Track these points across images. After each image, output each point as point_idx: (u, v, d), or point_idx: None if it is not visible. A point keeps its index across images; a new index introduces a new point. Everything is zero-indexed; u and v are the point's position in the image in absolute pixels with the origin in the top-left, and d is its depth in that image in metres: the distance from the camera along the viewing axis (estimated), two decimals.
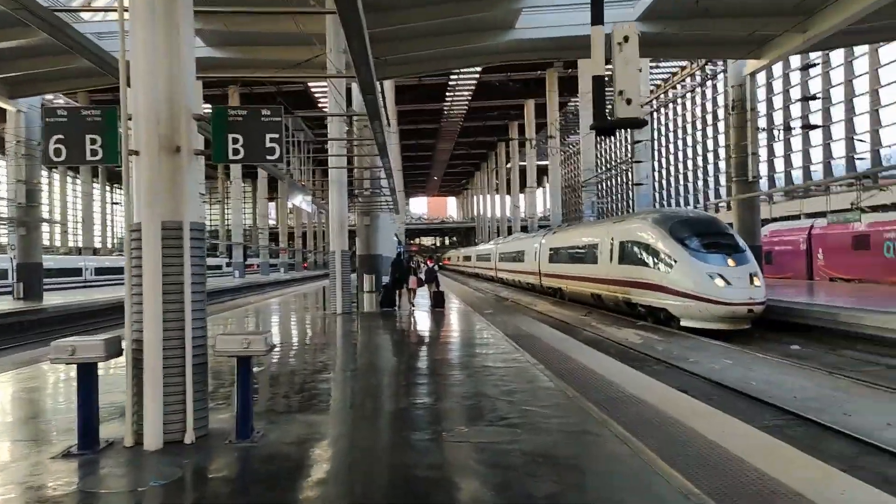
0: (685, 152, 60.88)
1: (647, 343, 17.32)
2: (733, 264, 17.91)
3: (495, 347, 11.89)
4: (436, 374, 9.53)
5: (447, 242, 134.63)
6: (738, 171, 27.66)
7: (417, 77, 56.10)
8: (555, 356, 10.73)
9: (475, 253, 66.56)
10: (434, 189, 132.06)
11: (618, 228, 23.03)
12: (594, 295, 25.35)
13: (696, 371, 13.26)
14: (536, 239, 36.35)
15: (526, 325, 16.52)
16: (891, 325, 14.54)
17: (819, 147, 41.83)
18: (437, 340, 13.64)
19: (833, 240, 29.08)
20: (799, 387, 11.66)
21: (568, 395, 7.56)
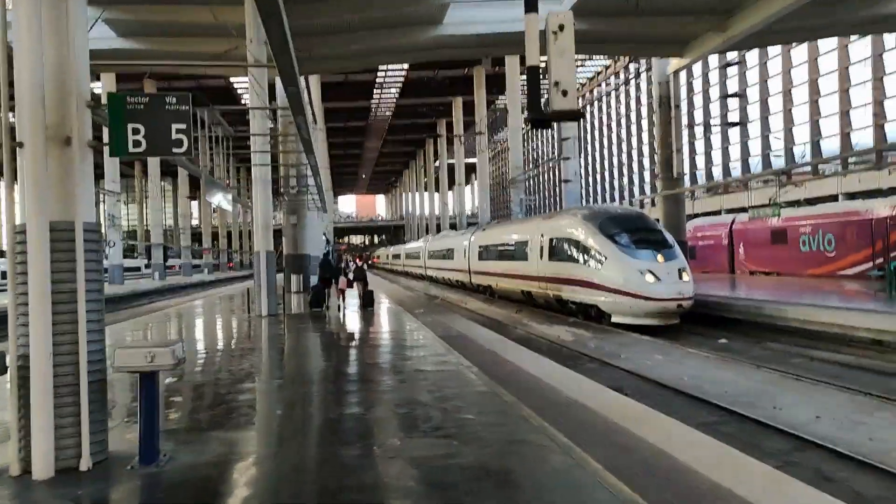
0: (610, 150, 61.84)
1: (579, 340, 17.19)
2: (662, 260, 17.96)
3: (428, 349, 11.45)
4: (367, 379, 9.03)
5: (376, 241, 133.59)
6: (663, 167, 28.03)
7: (344, 74, 55.41)
8: (489, 358, 10.37)
9: (404, 251, 66.06)
10: (363, 187, 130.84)
11: (548, 225, 22.93)
12: (525, 292, 25.22)
13: (630, 368, 13.13)
14: (466, 236, 36.11)
15: (458, 324, 16.16)
16: (813, 318, 14.77)
17: (737, 144, 42.99)
18: (368, 343, 13.12)
19: (753, 235, 29.82)
20: (730, 381, 11.63)
21: (505, 401, 7.18)
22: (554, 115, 6.74)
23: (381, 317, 18.84)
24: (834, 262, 24.98)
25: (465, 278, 35.19)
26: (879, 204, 23.94)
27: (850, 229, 24.23)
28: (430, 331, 14.34)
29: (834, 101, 35.73)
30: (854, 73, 34.83)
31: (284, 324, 16.66)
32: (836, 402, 9.87)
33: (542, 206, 76.00)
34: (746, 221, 30.46)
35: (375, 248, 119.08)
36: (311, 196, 25.14)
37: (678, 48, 25.95)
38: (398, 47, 25.27)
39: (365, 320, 17.83)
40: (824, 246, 25.38)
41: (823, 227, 25.44)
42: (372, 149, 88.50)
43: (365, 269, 26.68)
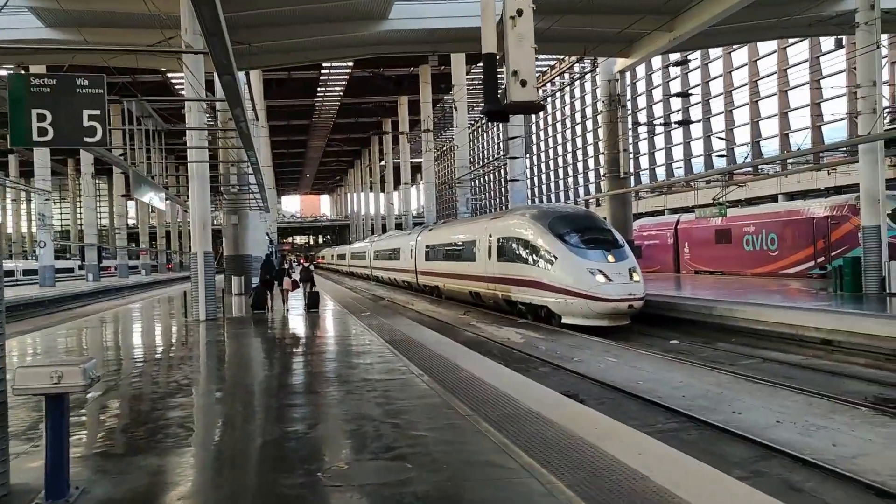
0: (555, 150, 62.00)
1: (529, 342, 16.82)
2: (613, 260, 17.73)
3: (376, 356, 10.87)
4: (312, 391, 8.42)
5: (321, 241, 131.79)
6: (610, 167, 27.97)
7: (287, 71, 54.18)
8: (441, 364, 9.85)
9: (350, 251, 65.10)
10: (307, 187, 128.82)
11: (496, 225, 22.54)
12: (473, 293, 24.80)
13: (583, 371, 12.78)
14: (412, 236, 35.54)
15: (406, 327, 15.59)
16: (763, 318, 14.70)
17: (681, 145, 43.46)
18: (313, 349, 12.46)
19: (698, 234, 30.04)
20: (685, 384, 11.36)
21: (461, 414, 6.67)
22: (512, 107, 6.27)
23: (327, 320, 18.16)
24: (777, 261, 25.27)
25: (412, 279, 34.63)
26: (820, 204, 24.28)
27: (792, 229, 24.53)
28: (377, 335, 13.76)
29: (774, 102, 36.35)
30: (792, 76, 35.48)
31: (224, 329, 15.85)
32: (794, 405, 9.66)
33: (489, 205, 75.89)
34: (691, 221, 30.69)
35: (320, 248, 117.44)
36: (252, 195, 24.22)
37: (625, 47, 25.90)
38: (342, 42, 24.58)
39: (310, 324, 17.14)
40: (767, 245, 25.66)
41: (767, 227, 25.72)
42: (316, 148, 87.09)
43: (312, 270, 26.02)
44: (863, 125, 16.67)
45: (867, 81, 16.45)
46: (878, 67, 16.61)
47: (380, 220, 77.55)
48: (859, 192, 24.84)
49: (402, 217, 62.48)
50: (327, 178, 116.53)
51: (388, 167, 72.28)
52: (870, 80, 16.41)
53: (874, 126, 16.37)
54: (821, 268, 23.41)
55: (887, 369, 11.76)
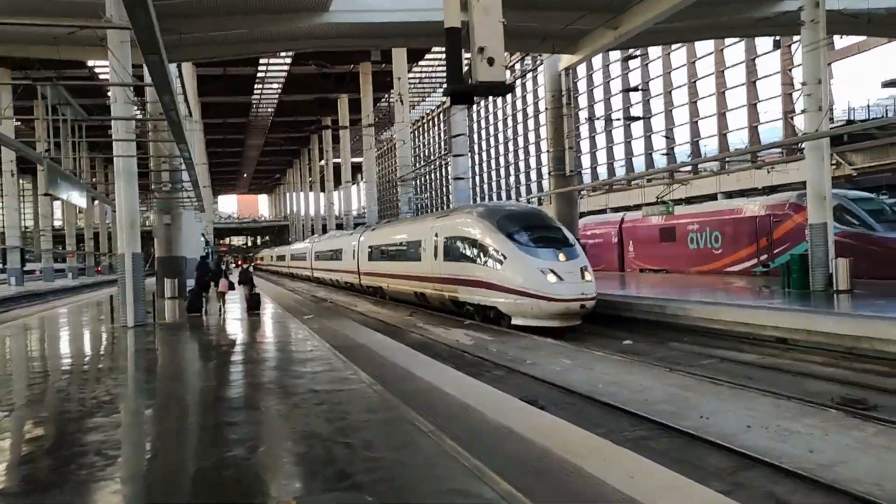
0: (497, 149, 61.65)
1: (479, 344, 16.22)
2: (564, 259, 17.24)
3: (322, 363, 10.05)
4: (253, 405, 7.57)
5: (259, 242, 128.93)
6: (555, 164, 27.62)
7: (222, 67, 52.44)
8: (394, 372, 9.12)
9: (290, 252, 63.54)
10: (244, 187, 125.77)
11: (442, 224, 21.87)
12: (418, 294, 24.08)
13: (539, 375, 12.22)
14: (355, 236, 34.60)
15: (352, 331, 14.79)
16: (718, 317, 14.40)
17: (622, 143, 43.62)
18: (254, 356, 11.55)
19: (642, 232, 29.98)
20: (647, 387, 10.90)
21: (423, 430, 5.96)
22: (479, 87, 5.58)
23: (268, 324, 17.19)
24: (721, 259, 25.31)
25: (355, 280, 33.69)
26: (762, 202, 24.40)
27: (736, 227, 24.59)
28: (322, 339, 12.91)
29: (713, 102, 36.74)
30: (730, 77, 35.94)
31: (155, 335, 14.74)
32: (762, 408, 9.26)
33: (432, 205, 75.19)
34: (636, 220, 30.62)
35: (259, 249, 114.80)
36: (186, 193, 22.97)
37: (570, 44, 25.56)
38: (280, 35, 23.52)
39: (249, 328, 16.16)
40: (711, 243, 25.69)
41: (711, 225, 25.74)
42: (254, 147, 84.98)
43: (251, 271, 25.08)
44: (809, 123, 16.60)
45: (812, 79, 16.36)
46: (824, 65, 16.56)
47: (320, 221, 76.07)
48: (798, 191, 25.23)
49: (343, 217, 61.36)
50: (266, 178, 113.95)
51: (329, 167, 70.93)
52: (815, 78, 16.32)
53: (821, 124, 16.29)
54: (763, 265, 23.50)
55: (846, 368, 11.54)
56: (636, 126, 41.98)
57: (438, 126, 68.32)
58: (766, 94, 33.74)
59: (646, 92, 41.54)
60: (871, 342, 11.14)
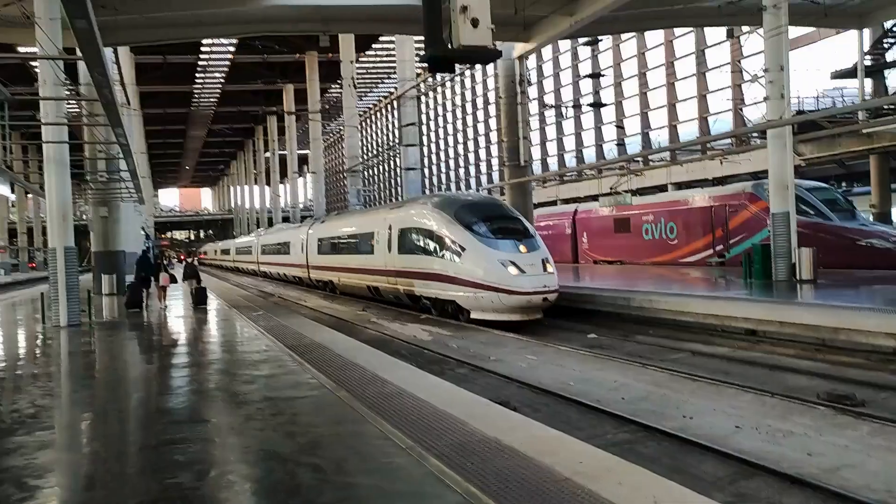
0: (446, 139, 60.78)
1: (438, 340, 15.51)
2: (525, 250, 16.62)
3: (277, 365, 9.18)
4: (201, 418, 6.68)
5: (203, 236, 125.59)
6: (510, 155, 27.02)
7: (161, 54, 50.41)
8: (357, 375, 8.30)
9: (235, 246, 61.69)
10: (187, 180, 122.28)
11: (396, 215, 21.03)
12: (371, 288, 23.21)
13: (506, 373, 11.56)
14: (303, 229, 33.47)
15: (305, 328, 13.85)
16: (686, 309, 13.96)
17: (573, 135, 43.35)
18: (200, 358, 10.57)
19: (596, 224, 29.66)
20: (621, 384, 10.33)
21: (400, 446, 5.20)
22: (462, 53, 4.81)
23: (214, 322, 16.17)
24: (676, 250, 25.10)
25: (304, 274, 32.60)
26: (718, 192, 24.25)
27: (691, 217, 24.39)
28: (274, 338, 12.00)
29: (663, 93, 36.67)
30: (680, 68, 35.91)
31: (92, 336, 13.57)
32: (747, 406, 8.76)
33: (381, 197, 74.02)
34: (589, 211, 30.30)
35: (202, 243, 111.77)
36: (124, 184, 21.60)
37: (524, 31, 24.88)
38: (222, 18, 22.26)
39: (194, 325, 15.12)
40: (667, 234, 25.46)
41: (666, 216, 25.50)
42: (196, 138, 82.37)
43: (196, 265, 24.05)
44: (771, 110, 16.30)
45: (775, 66, 16.05)
46: (786, 52, 16.27)
47: (266, 214, 74.21)
48: (754, 181, 25.20)
49: (289, 210, 59.82)
50: (209, 171, 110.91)
51: (274, 159, 69.14)
52: (777, 65, 16.01)
53: (784, 111, 16.00)
54: (719, 256, 23.34)
55: (821, 360, 11.16)
56: (587, 117, 41.75)
57: (387, 117, 67.14)
58: (717, 85, 33.76)
59: (597, 82, 41.32)
60: (849, 334, 10.77)
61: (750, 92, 32.76)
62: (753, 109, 30.05)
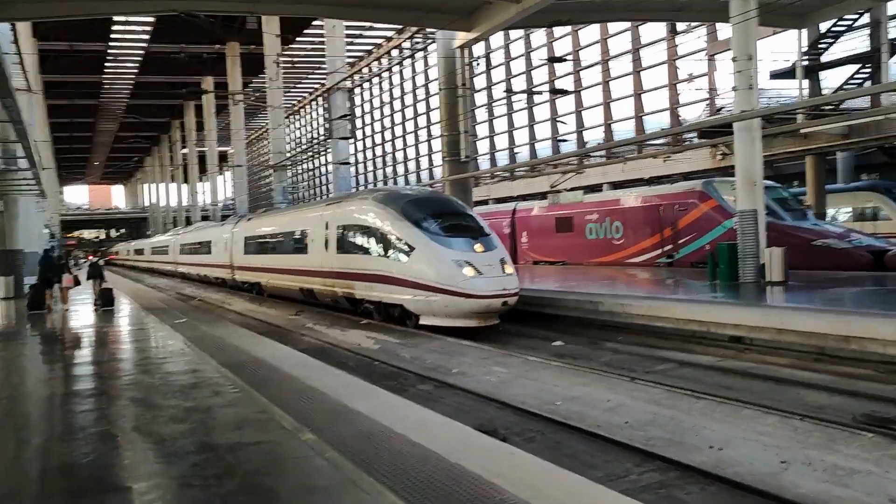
0: (384, 134, 58.00)
1: (386, 349, 13.76)
2: (481, 249, 15.00)
3: (213, 391, 7.25)
4: (115, 483, 4.73)
5: (114, 235, 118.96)
6: (450, 149, 25.41)
7: (69, 42, 46.54)
8: (318, 405, 6.49)
9: (150, 245, 57.83)
10: (96, 176, 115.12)
11: (335, 212, 19.09)
12: (305, 290, 21.18)
13: (475, 389, 9.95)
14: (227, 228, 30.95)
15: (238, 338, 11.86)
16: (664, 314, 12.65)
17: (506, 133, 42.05)
18: (112, 381, 8.47)
19: (536, 223, 28.42)
20: (617, 404, 8.85)
21: None
22: None
23: (130, 330, 13.92)
24: (622, 250, 24.07)
25: (228, 275, 30.10)
26: (666, 190, 23.35)
27: (638, 216, 23.40)
28: (203, 353, 9.99)
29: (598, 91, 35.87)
30: (614, 67, 35.15)
31: None
32: (777, 433, 7.38)
33: (308, 195, 70.97)
34: (529, 209, 29.05)
35: (114, 242, 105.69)
36: (22, 175, 18.93)
37: (464, 19, 23.32)
38: None
39: (105, 335, 12.85)
40: (612, 234, 24.40)
41: (611, 215, 24.44)
42: (106, 132, 77.35)
43: (101, 265, 21.78)
44: (739, 101, 15.25)
45: (743, 55, 14.99)
46: (755, 39, 15.25)
47: (183, 213, 70.35)
48: (704, 179, 24.43)
49: (209, 209, 56.54)
50: (121, 167, 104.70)
51: (192, 154, 65.42)
52: (746, 54, 14.96)
53: (753, 102, 14.97)
54: (668, 256, 22.41)
55: (825, 372, 9.99)
56: (527, 112, 40.44)
57: (315, 112, 64.36)
58: (655, 83, 33.11)
59: (529, 80, 40.22)
60: (862, 343, 9.62)
61: (686, 91, 32.33)
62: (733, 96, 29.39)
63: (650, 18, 27.29)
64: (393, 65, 49.32)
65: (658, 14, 24.30)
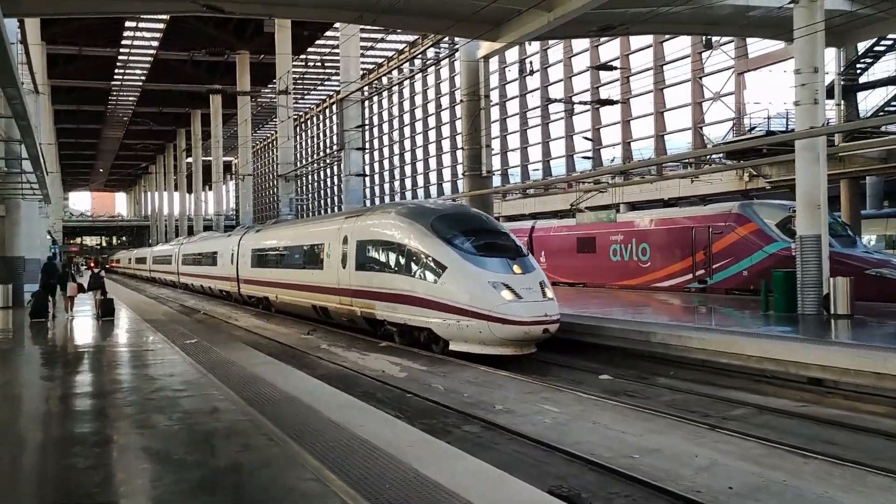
0: (393, 147, 56.48)
1: (416, 378, 12.37)
2: (520, 271, 13.64)
3: (245, 442, 5.85)
4: None
5: (116, 242, 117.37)
6: (470, 164, 24.13)
7: (78, 46, 45.38)
8: (383, 469, 5.10)
9: (152, 255, 56.35)
10: (100, 183, 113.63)
11: (355, 225, 17.71)
12: (319, 308, 19.77)
13: (531, 433, 8.56)
14: (233, 239, 29.55)
15: (260, 365, 10.46)
16: (729, 349, 11.24)
17: (539, 144, 40.58)
18: (121, 423, 7.05)
19: (556, 242, 27.06)
20: (710, 462, 7.46)
21: None
22: None
23: (135, 350, 12.50)
24: (648, 273, 22.71)
25: (232, 288, 28.69)
26: (700, 211, 22.03)
27: (668, 238, 22.06)
28: (222, 384, 8.59)
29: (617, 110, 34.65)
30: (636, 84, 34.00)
31: None
32: None
33: (315, 207, 69.42)
34: (549, 227, 27.73)
35: (115, 250, 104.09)
36: (26, 178, 17.61)
37: (492, 28, 22.04)
38: None
39: (109, 357, 11.45)
40: (638, 256, 23.05)
41: (638, 236, 23.09)
42: (112, 139, 76.09)
43: (103, 276, 20.74)
44: (802, 117, 13.96)
45: (807, 67, 13.73)
46: (821, 51, 14.01)
47: (186, 222, 68.90)
48: (741, 201, 23.14)
49: (213, 219, 55.10)
50: (125, 174, 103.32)
51: (197, 164, 64.06)
52: (811, 66, 13.70)
53: (817, 118, 13.69)
54: (700, 281, 21.05)
55: None
56: (558, 126, 38.91)
57: (325, 122, 62.95)
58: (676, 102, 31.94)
59: (544, 93, 38.99)
60: None
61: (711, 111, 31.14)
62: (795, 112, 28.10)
63: (688, 31, 25.96)
64: (410, 76, 47.77)
65: (696, 27, 23.11)
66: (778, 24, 21.45)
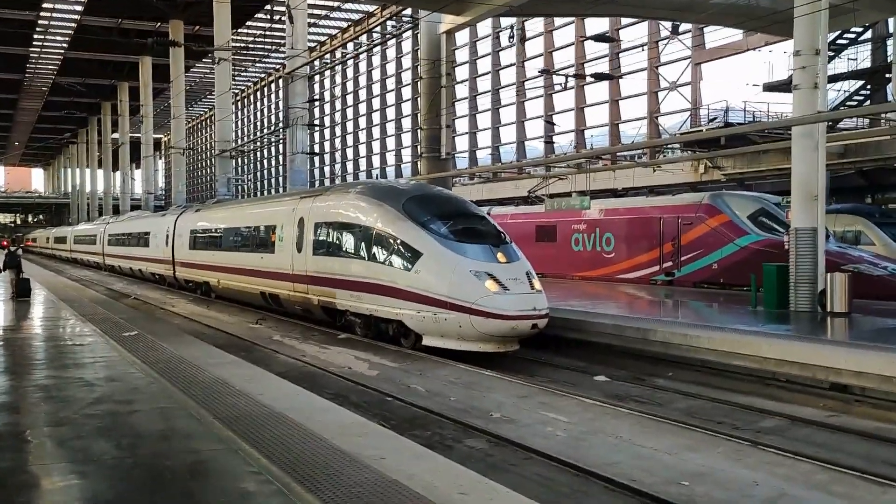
0: (346, 125, 53.66)
1: (389, 377, 10.96)
2: (504, 260, 12.29)
3: (242, 492, 4.28)
4: None
5: (32, 220, 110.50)
6: (429, 145, 22.64)
7: None
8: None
9: (73, 234, 52.53)
10: (15, 157, 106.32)
11: (313, 206, 15.99)
12: (269, 295, 17.99)
13: (551, 451, 7.23)
14: (168, 219, 27.22)
15: (222, 367, 8.71)
16: (743, 350, 10.19)
17: (489, 130, 39.06)
18: (57, 463, 5.35)
19: (513, 230, 25.58)
20: (774, 492, 6.33)
21: None
22: None
23: (63, 345, 10.57)
24: (613, 264, 21.78)
25: (167, 271, 26.42)
26: (669, 201, 21.20)
27: (634, 228, 21.15)
28: (183, 395, 6.93)
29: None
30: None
31: None
32: None
33: (256, 188, 66.18)
34: (506, 214, 26.47)
35: (31, 228, 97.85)
36: None
37: (457, 2, 20.58)
38: None
39: (31, 356, 9.54)
40: (602, 246, 22.08)
41: (602, 225, 22.11)
42: (29, 110, 70.86)
43: (19, 255, 18.91)
44: (799, 101, 13.07)
45: (808, 49, 12.82)
46: (824, 33, 13.13)
47: (111, 200, 64.83)
48: (712, 191, 22.38)
49: (141, 198, 51.66)
50: (43, 149, 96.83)
51: (124, 139, 60.06)
52: (812, 48, 12.80)
53: (815, 103, 12.81)
54: (667, 273, 20.22)
55: None
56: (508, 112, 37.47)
57: (269, 98, 59.77)
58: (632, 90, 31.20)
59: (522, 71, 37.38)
60: None
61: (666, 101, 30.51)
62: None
63: (671, 18, 24.90)
64: (368, 48, 45.14)
65: (677, 14, 22.19)
66: (744, 14, 20.84)
